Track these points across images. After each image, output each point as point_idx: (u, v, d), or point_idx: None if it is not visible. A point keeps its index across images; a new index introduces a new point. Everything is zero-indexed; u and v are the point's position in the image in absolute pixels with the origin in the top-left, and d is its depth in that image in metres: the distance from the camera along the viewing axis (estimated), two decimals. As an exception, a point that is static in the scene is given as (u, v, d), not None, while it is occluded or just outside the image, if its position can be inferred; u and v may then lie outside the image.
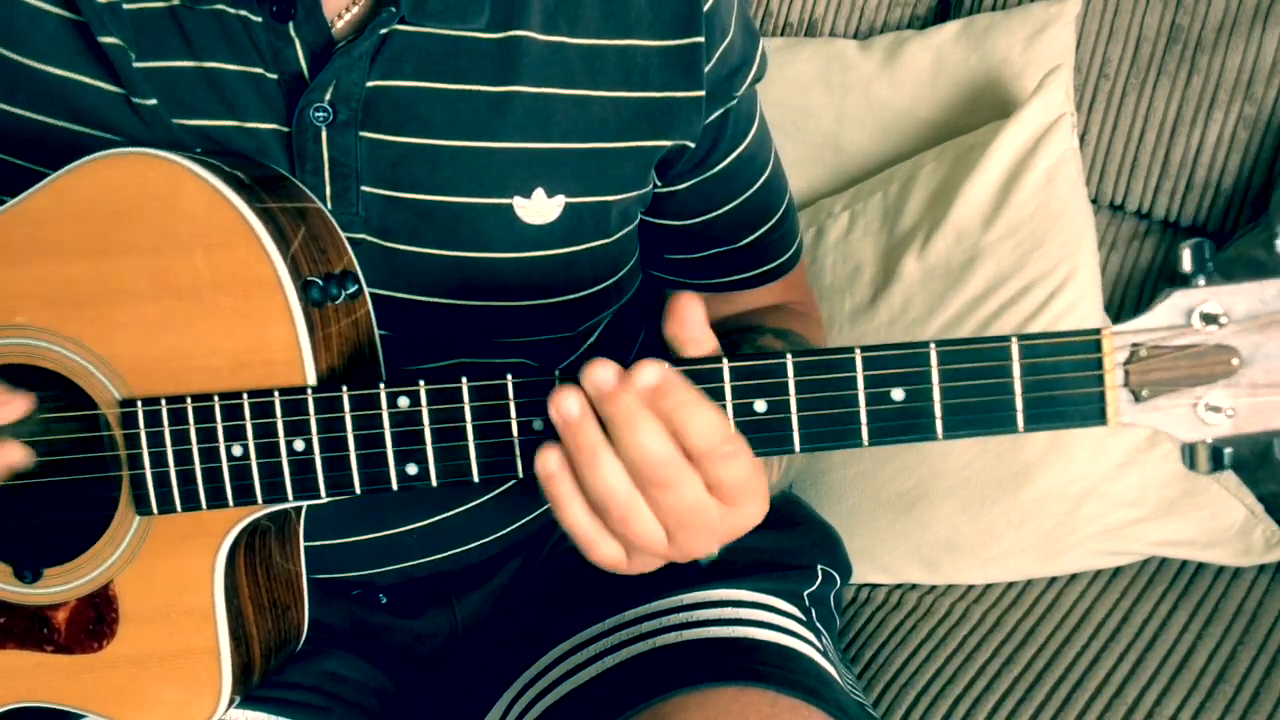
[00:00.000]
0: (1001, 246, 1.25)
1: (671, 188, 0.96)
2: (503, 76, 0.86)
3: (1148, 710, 1.06)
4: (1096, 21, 1.37)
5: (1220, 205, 1.34)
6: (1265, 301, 0.64)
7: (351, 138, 0.84)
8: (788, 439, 0.69)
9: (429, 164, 0.85)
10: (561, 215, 0.88)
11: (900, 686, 1.12)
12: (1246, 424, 0.65)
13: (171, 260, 0.75)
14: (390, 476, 0.74)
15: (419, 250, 0.86)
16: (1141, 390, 0.65)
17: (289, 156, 0.84)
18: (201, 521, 0.77)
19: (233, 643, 0.78)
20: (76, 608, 0.80)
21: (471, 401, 0.72)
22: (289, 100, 0.83)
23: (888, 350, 0.67)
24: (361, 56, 0.83)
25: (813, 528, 1.05)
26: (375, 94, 0.84)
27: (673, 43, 0.89)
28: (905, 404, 0.67)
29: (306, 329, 0.74)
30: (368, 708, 0.95)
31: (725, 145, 0.96)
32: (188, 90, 0.83)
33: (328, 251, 0.79)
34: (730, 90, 0.94)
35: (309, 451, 0.74)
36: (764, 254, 1.03)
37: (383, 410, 0.73)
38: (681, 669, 0.84)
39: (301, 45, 0.83)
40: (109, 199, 0.76)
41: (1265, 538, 1.22)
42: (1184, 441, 0.66)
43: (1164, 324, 0.65)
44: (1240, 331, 0.64)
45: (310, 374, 0.74)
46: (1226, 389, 0.65)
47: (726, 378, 0.68)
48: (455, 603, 0.99)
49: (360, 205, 0.85)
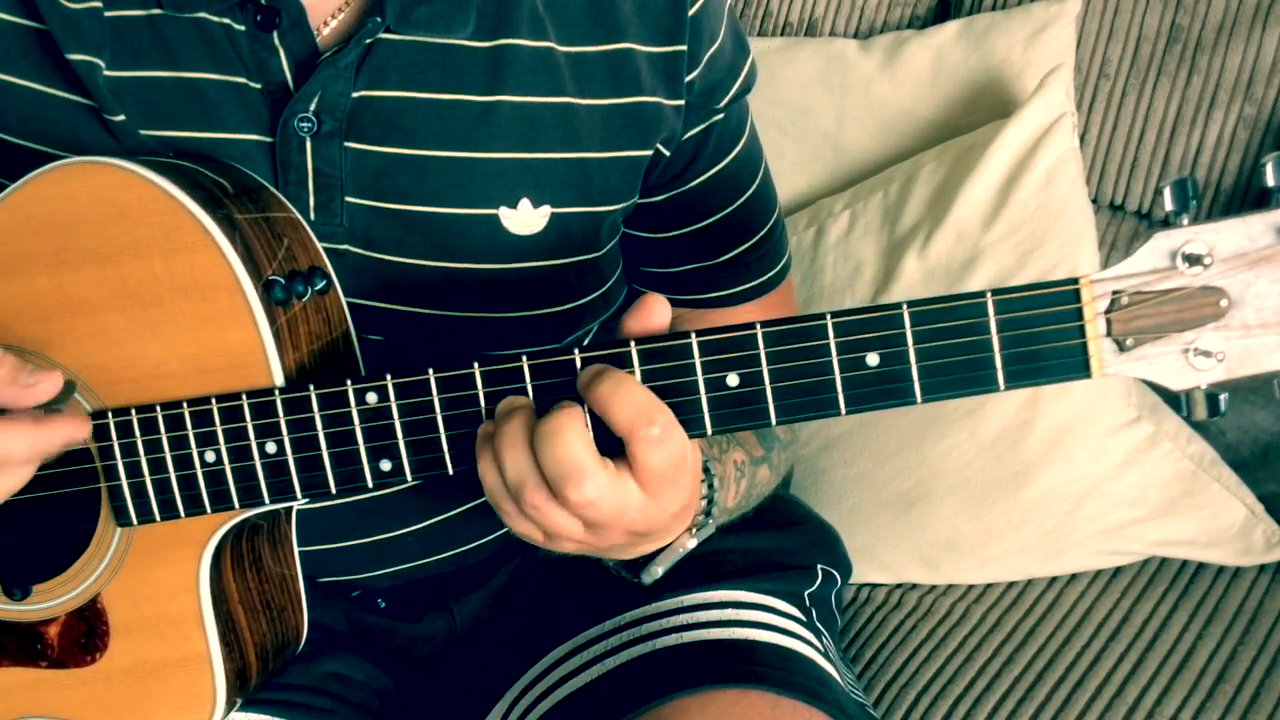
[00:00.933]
0: (1002, 246, 1.25)
1: (648, 199, 0.95)
2: (490, 85, 0.85)
3: (1148, 710, 1.06)
4: (1096, 21, 1.37)
5: (1220, 205, 1.34)
6: (1252, 238, 0.60)
7: (336, 148, 0.83)
8: (763, 412, 0.68)
9: (415, 174, 0.85)
10: (548, 226, 0.88)
11: (900, 686, 1.12)
12: (1240, 367, 0.62)
13: (131, 268, 0.75)
14: (365, 474, 0.73)
15: (404, 261, 0.86)
16: (1126, 339, 0.63)
17: (272, 167, 0.83)
18: (182, 529, 0.77)
19: (224, 648, 0.78)
20: (67, 622, 0.80)
21: (440, 393, 0.71)
22: (273, 111, 0.83)
23: (859, 314, 0.66)
24: (347, 67, 0.82)
25: (812, 527, 1.05)
26: (360, 104, 0.83)
27: (657, 50, 0.89)
28: (881, 368, 0.66)
29: (270, 330, 0.74)
30: (370, 708, 0.95)
31: (705, 161, 0.95)
32: (165, 100, 0.82)
33: (292, 248, 0.78)
34: (712, 104, 0.93)
35: (281, 453, 0.74)
36: (745, 271, 1.01)
37: (352, 408, 0.72)
38: (682, 671, 0.84)
39: (286, 55, 0.82)
40: (63, 210, 0.75)
41: (1265, 538, 1.22)
42: (1176, 390, 0.63)
43: (1146, 268, 0.62)
44: (1228, 271, 0.61)
45: (277, 375, 0.74)
46: (1217, 331, 0.62)
47: (696, 353, 0.68)
48: (454, 605, 0.99)
49: (344, 216, 0.84)
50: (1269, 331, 0.61)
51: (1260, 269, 0.60)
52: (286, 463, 0.74)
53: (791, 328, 0.67)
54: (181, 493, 0.75)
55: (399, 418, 0.72)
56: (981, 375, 0.65)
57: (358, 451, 0.73)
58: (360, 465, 0.73)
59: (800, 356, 0.67)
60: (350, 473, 0.73)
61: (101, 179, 0.75)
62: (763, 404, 0.68)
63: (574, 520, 0.68)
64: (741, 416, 0.68)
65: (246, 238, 0.75)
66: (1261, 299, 0.61)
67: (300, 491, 0.74)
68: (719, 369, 0.68)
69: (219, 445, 0.74)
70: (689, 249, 0.99)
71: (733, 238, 1.00)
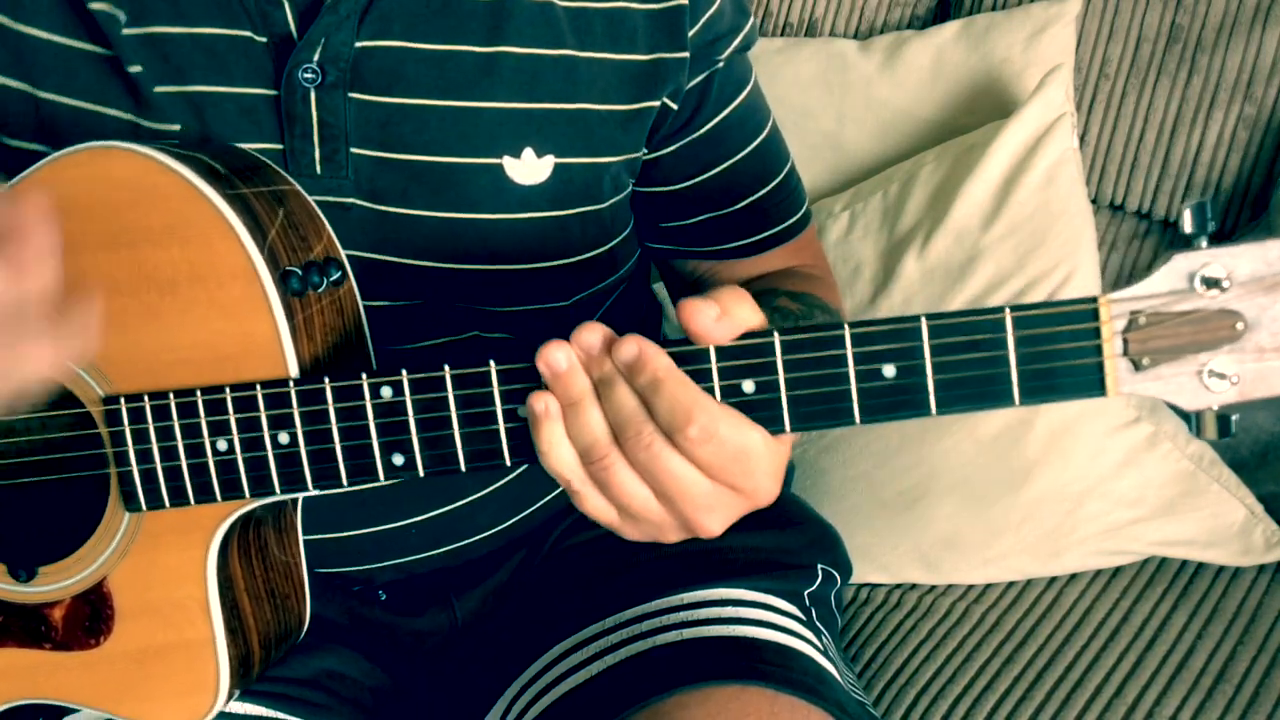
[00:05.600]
0: (1001, 246, 1.25)
1: (658, 152, 0.96)
2: (491, 37, 0.86)
3: (1148, 710, 1.06)
4: (1096, 21, 1.37)
5: (1220, 205, 1.34)
6: (1270, 263, 0.61)
7: (340, 99, 0.84)
8: (778, 419, 0.67)
9: (418, 124, 0.86)
10: (551, 175, 0.89)
11: (900, 686, 1.12)
12: (1253, 390, 0.62)
13: (147, 254, 0.74)
14: (377, 467, 0.73)
15: (410, 212, 0.86)
16: (1142, 359, 0.63)
17: (278, 120, 0.84)
18: (191, 516, 0.76)
19: (229, 635, 0.78)
20: (72, 605, 0.79)
21: (455, 390, 0.71)
22: (277, 63, 0.84)
23: (877, 326, 0.65)
24: (350, 15, 0.83)
25: (812, 527, 1.05)
26: (364, 54, 0.84)
27: (658, 6, 0.90)
28: (897, 380, 0.66)
29: (286, 320, 0.74)
30: (365, 704, 0.95)
31: (711, 107, 0.97)
32: (177, 55, 0.83)
33: (308, 238, 0.78)
34: (714, 54, 0.95)
35: (294, 444, 0.73)
36: (762, 219, 1.02)
37: (366, 401, 0.72)
38: (681, 667, 0.84)
39: (290, 6, 0.84)
40: (81, 194, 0.75)
41: (1265, 538, 1.22)
42: (1188, 410, 0.64)
43: (1164, 289, 0.62)
44: (1244, 294, 0.61)
45: (292, 365, 0.74)
46: (1231, 354, 0.62)
47: (713, 359, 0.67)
48: (455, 601, 0.99)
49: (350, 168, 0.85)
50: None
51: (1276, 294, 0.61)
52: (299, 454, 0.73)
53: (809, 337, 0.66)
54: (192, 480, 0.75)
55: (413, 413, 0.72)
56: (997, 390, 0.65)
57: (370, 445, 0.73)
58: (372, 459, 0.73)
59: (817, 366, 0.66)
60: (362, 465, 0.73)
61: (121, 164, 0.75)
62: (777, 411, 0.67)
63: (689, 467, 0.66)
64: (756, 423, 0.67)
65: (264, 228, 0.75)
66: (1277, 323, 0.61)
67: (312, 483, 0.74)
68: (735, 375, 0.67)
69: (231, 434, 0.74)
70: (704, 198, 1.00)
71: (748, 184, 1.01)
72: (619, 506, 0.69)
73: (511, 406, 0.70)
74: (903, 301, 1.28)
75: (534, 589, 0.99)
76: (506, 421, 0.71)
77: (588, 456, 0.67)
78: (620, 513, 0.69)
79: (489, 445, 0.71)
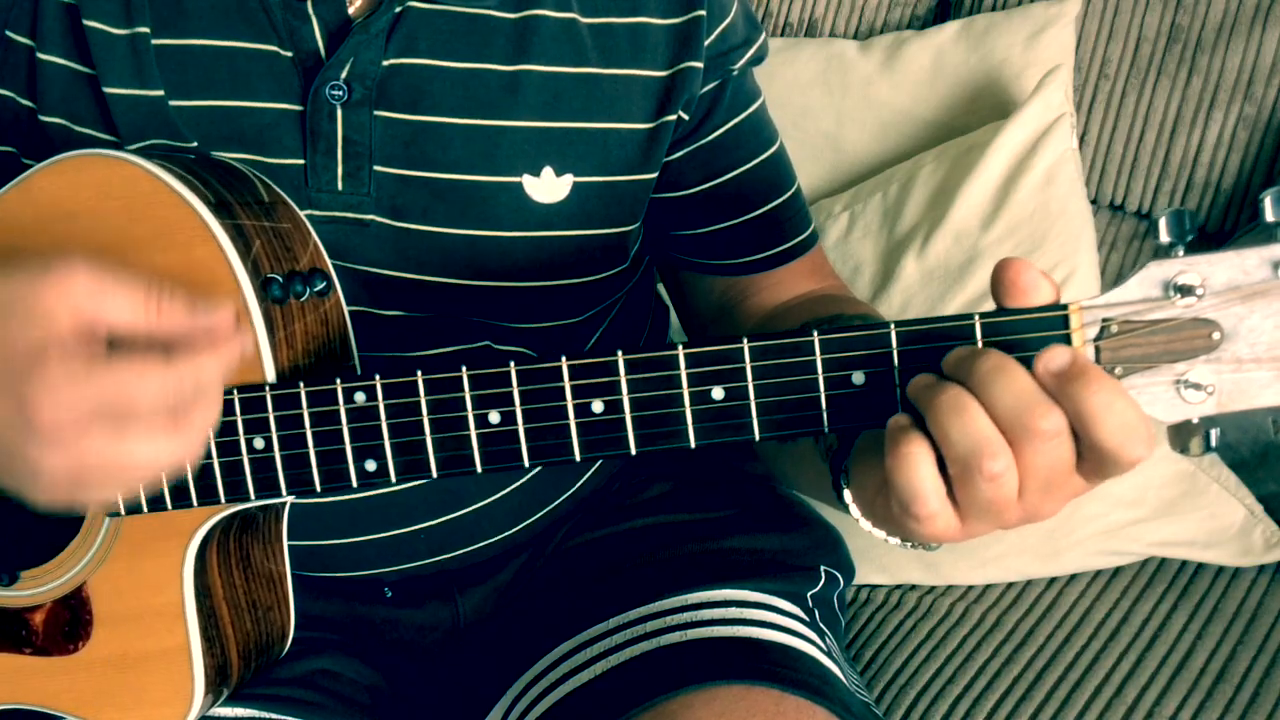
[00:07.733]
0: (1001, 247, 1.25)
1: (669, 157, 0.96)
2: (515, 55, 0.87)
3: (1148, 710, 1.06)
4: (1096, 21, 1.37)
5: (1220, 205, 1.34)
6: (1247, 271, 0.59)
7: (366, 116, 0.84)
8: (747, 427, 0.67)
9: (442, 142, 0.86)
10: (570, 194, 0.89)
11: (900, 686, 1.12)
12: (1231, 401, 0.61)
13: (131, 261, 0.75)
14: (350, 473, 0.73)
15: (429, 229, 0.87)
16: (1114, 368, 0.61)
17: (301, 136, 0.84)
18: (169, 522, 0.77)
19: (205, 643, 0.78)
20: (52, 610, 0.80)
21: (427, 395, 0.71)
22: (304, 79, 0.84)
23: (847, 333, 0.65)
24: (378, 34, 0.84)
25: (816, 528, 1.05)
26: (391, 72, 0.85)
27: (677, 20, 0.91)
28: (866, 388, 0.65)
29: (265, 327, 0.74)
30: (361, 704, 0.95)
31: (722, 114, 0.97)
32: (197, 69, 0.83)
33: (294, 249, 0.79)
34: (727, 64, 0.95)
35: (269, 449, 0.74)
36: (778, 232, 1.01)
37: (340, 406, 0.72)
38: (686, 667, 0.84)
39: (319, 23, 0.84)
40: (67, 201, 0.76)
41: (1265, 538, 1.22)
42: (1164, 422, 0.62)
43: (1137, 297, 0.61)
44: (1220, 304, 0.60)
45: (269, 372, 0.74)
46: (1208, 365, 0.60)
47: (681, 364, 0.67)
48: (458, 597, 0.99)
49: (372, 184, 0.85)
50: (1261, 367, 0.60)
51: (1254, 303, 0.59)
52: (273, 459, 0.74)
53: (777, 343, 0.66)
54: (169, 484, 0.75)
55: (385, 419, 0.72)
56: None
57: (344, 450, 0.73)
58: (345, 464, 0.73)
59: (786, 373, 0.66)
60: (335, 471, 0.73)
61: (108, 172, 0.75)
62: (746, 419, 0.67)
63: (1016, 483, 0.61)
64: (725, 430, 0.67)
65: (247, 235, 0.76)
66: (1254, 333, 0.60)
67: (286, 488, 0.74)
68: (704, 381, 0.67)
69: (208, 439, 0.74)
70: (716, 206, 0.99)
71: (760, 194, 1.00)
72: (972, 511, 0.63)
73: (482, 411, 0.70)
74: (902, 302, 1.28)
75: (538, 588, 0.99)
76: (478, 427, 0.70)
77: (967, 461, 0.60)
78: (966, 517, 0.63)
79: (461, 451, 0.71)
